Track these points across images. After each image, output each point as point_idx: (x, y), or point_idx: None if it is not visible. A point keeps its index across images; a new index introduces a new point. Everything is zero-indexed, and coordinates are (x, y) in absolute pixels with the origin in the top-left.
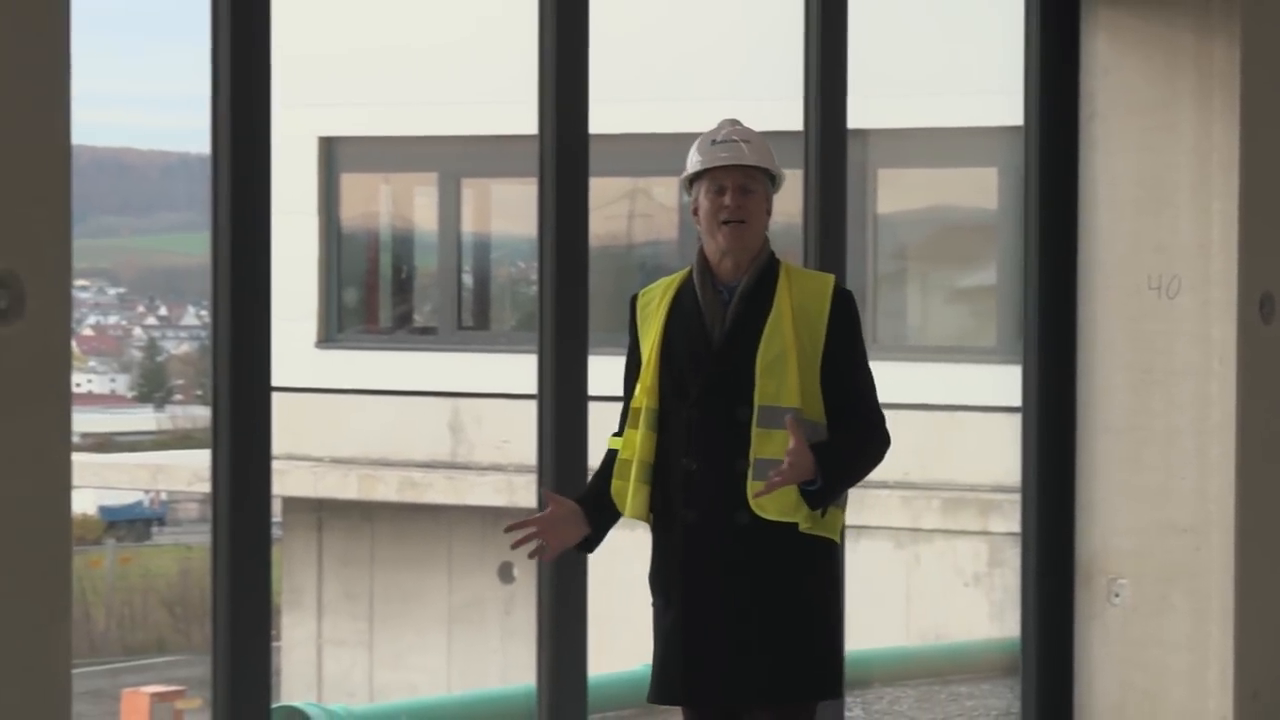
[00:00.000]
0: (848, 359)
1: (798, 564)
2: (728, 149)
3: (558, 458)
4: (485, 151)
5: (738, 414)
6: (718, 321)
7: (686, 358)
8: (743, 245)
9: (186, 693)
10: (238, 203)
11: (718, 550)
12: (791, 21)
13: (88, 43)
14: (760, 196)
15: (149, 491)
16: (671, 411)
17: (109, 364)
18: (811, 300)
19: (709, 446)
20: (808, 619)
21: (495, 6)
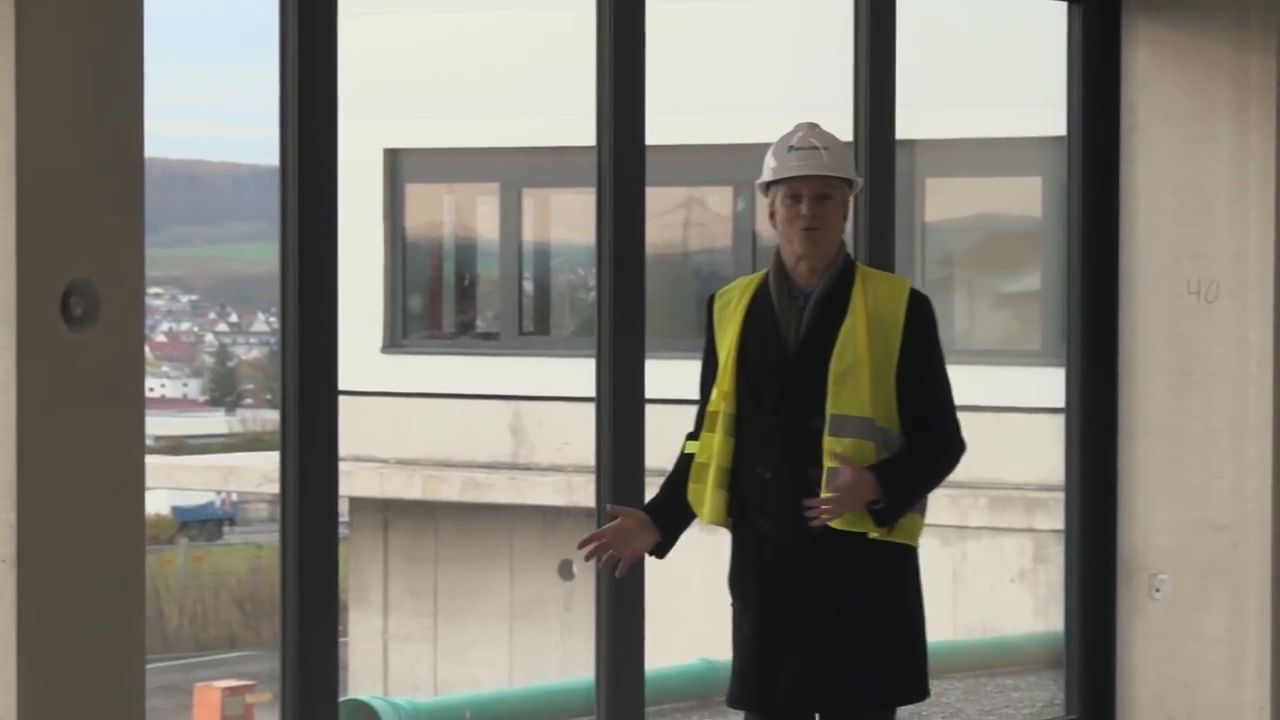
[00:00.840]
0: (923, 366)
1: (872, 571)
2: (803, 157)
3: (616, 459)
4: (545, 163)
5: (811, 422)
6: (793, 328)
7: (761, 364)
8: (818, 251)
9: (256, 687)
10: (306, 213)
11: (792, 558)
12: (841, 36)
13: (161, 58)
14: (837, 203)
15: (220, 492)
16: (747, 417)
17: (182, 369)
18: (887, 306)
19: (783, 454)
20: (882, 625)
21: (556, 25)
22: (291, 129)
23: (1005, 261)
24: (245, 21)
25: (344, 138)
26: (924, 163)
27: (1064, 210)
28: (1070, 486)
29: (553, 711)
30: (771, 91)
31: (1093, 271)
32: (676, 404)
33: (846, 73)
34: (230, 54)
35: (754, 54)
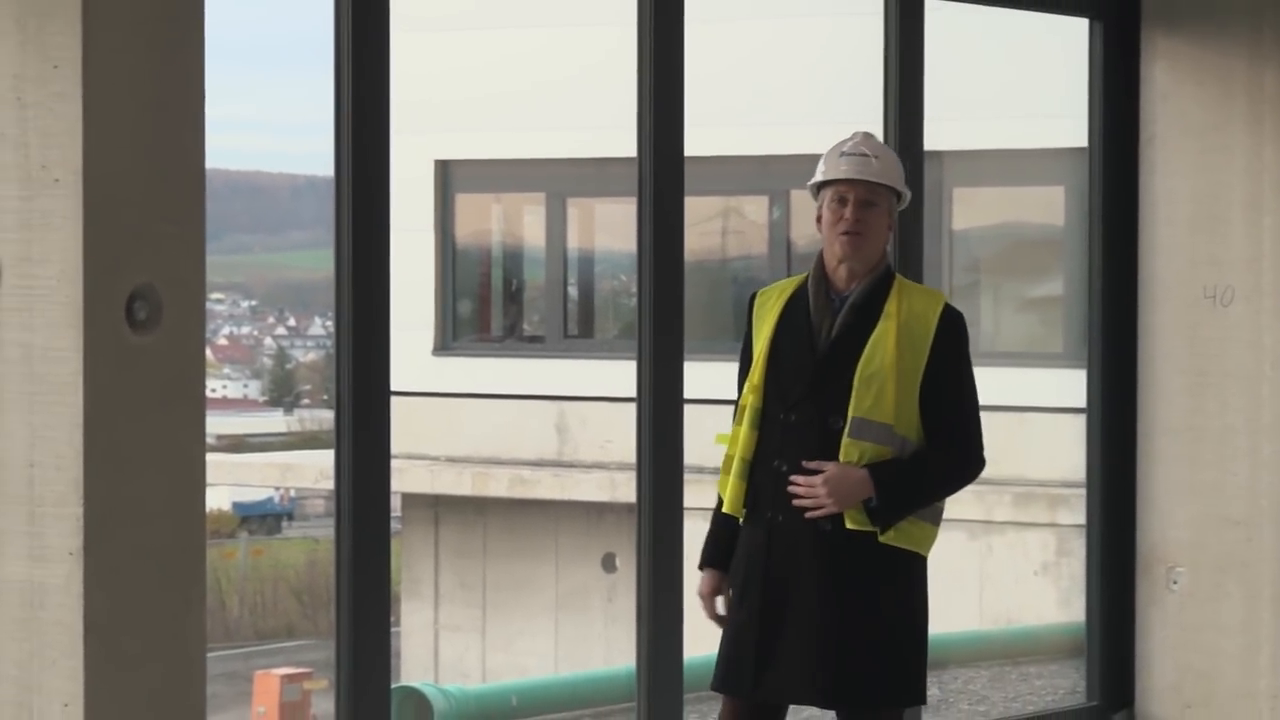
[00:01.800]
0: (948, 380)
1: (875, 573)
2: (853, 162)
3: (655, 456)
4: (589, 173)
5: (832, 422)
6: (825, 329)
7: (791, 361)
8: (859, 256)
9: (313, 674)
10: (360, 221)
11: (800, 552)
12: (872, 51)
13: (222, 74)
14: (882, 211)
15: (278, 489)
16: (773, 412)
17: (242, 371)
18: (919, 318)
19: (801, 451)
20: (880, 628)
21: (598, 44)
22: (346, 142)
23: (1029, 267)
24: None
25: (397, 150)
26: (951, 173)
27: (1085, 219)
28: (1091, 483)
29: (596, 698)
30: (805, 105)
31: (1113, 277)
32: (713, 404)
33: (877, 87)
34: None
35: (788, 69)
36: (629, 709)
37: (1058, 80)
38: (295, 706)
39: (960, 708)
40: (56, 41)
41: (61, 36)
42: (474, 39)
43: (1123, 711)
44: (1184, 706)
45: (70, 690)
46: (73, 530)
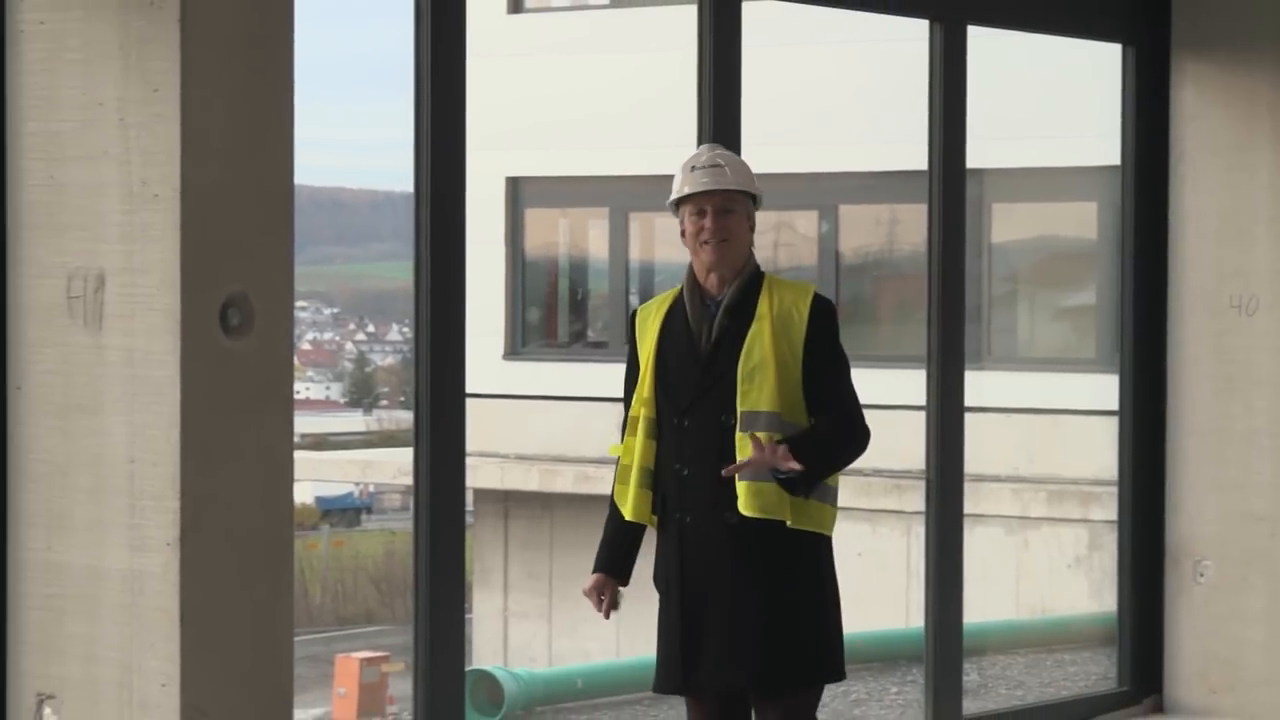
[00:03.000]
0: (825, 363)
1: (786, 559)
2: (707, 174)
3: None
4: (650, 189)
5: (724, 421)
6: (705, 334)
7: (677, 369)
8: (725, 262)
9: (390, 657)
10: (437, 234)
11: (710, 549)
12: (916, 75)
13: (308, 95)
14: (741, 215)
15: (358, 484)
16: (666, 419)
17: (324, 374)
18: (791, 310)
19: (698, 451)
20: (797, 612)
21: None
22: (425, 160)
23: (1064, 278)
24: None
25: (470, 167)
26: (991, 189)
27: (1118, 232)
28: (1123, 481)
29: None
30: (854, 126)
31: (1144, 287)
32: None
33: (920, 108)
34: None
35: (838, 92)
36: None
37: (1091, 102)
38: (373, 688)
39: (999, 692)
40: (156, 67)
41: (160, 62)
42: (543, 64)
43: (1151, 697)
44: (1209, 692)
45: (168, 671)
46: (170, 522)
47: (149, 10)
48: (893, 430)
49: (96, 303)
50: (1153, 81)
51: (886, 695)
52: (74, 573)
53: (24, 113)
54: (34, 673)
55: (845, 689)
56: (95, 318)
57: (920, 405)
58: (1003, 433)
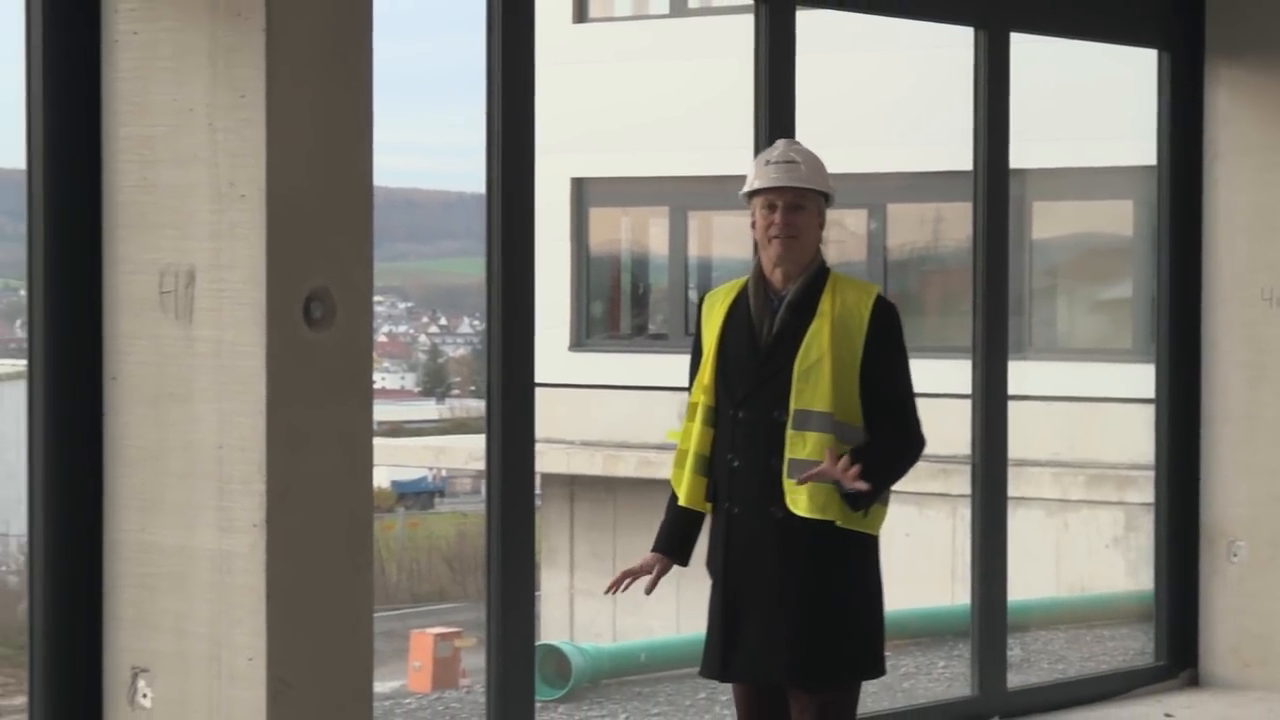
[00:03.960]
0: (884, 366)
1: (830, 557)
2: (780, 169)
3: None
4: (708, 189)
5: (776, 415)
6: (766, 328)
7: (736, 360)
8: (792, 258)
9: (463, 633)
10: (508, 232)
11: (756, 541)
12: (960, 79)
13: (385, 100)
14: (811, 213)
15: (432, 469)
16: (723, 408)
17: (399, 365)
18: (852, 311)
19: (750, 444)
20: (837, 607)
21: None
22: (497, 162)
23: (1101, 273)
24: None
25: (538, 169)
26: (1032, 188)
27: (1152, 229)
28: (1159, 465)
29: None
30: (901, 128)
31: (1178, 281)
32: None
33: (964, 111)
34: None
35: (886, 96)
36: None
37: (1128, 105)
38: (447, 662)
39: (1041, 666)
40: (243, 74)
41: (247, 70)
42: (604, 71)
43: (1187, 671)
44: (1243, 666)
45: (254, 646)
46: (257, 505)
47: (236, 20)
48: (938, 417)
49: (187, 297)
50: (1187, 86)
51: (934, 669)
52: (166, 553)
53: (119, 118)
54: (129, 647)
55: (894, 664)
56: (186, 311)
57: (963, 393)
58: (1043, 420)
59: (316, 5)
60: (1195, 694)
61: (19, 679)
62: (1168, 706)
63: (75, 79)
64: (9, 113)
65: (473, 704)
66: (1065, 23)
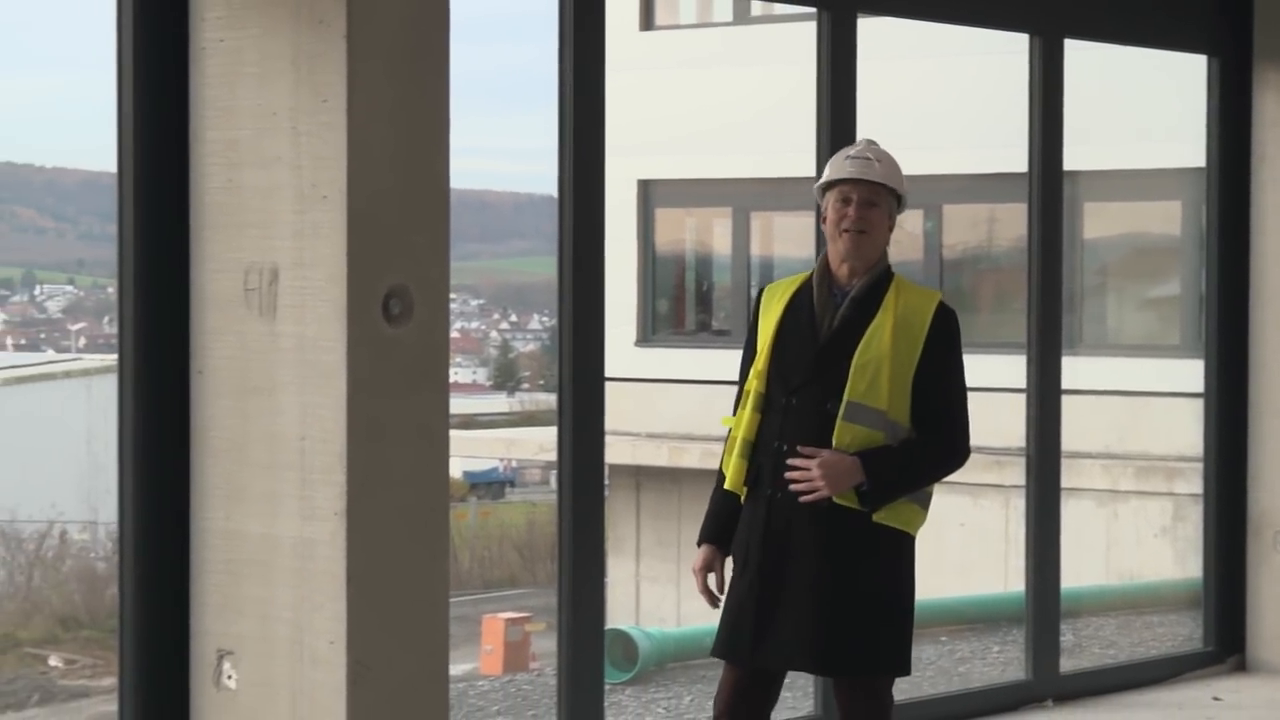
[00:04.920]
0: (940, 372)
1: (865, 550)
2: (858, 164)
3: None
4: (769, 191)
5: (829, 406)
6: (827, 320)
7: (794, 349)
8: (860, 254)
9: (533, 618)
10: (579, 232)
11: (794, 527)
12: (1013, 84)
13: (457, 104)
14: (883, 211)
15: (502, 460)
16: (775, 397)
17: (471, 360)
18: (915, 314)
19: (798, 432)
20: (870, 600)
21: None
22: (568, 164)
23: (1150, 271)
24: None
25: (607, 170)
26: (1084, 190)
27: (1200, 229)
28: (1207, 457)
29: None
30: (957, 132)
31: (1226, 279)
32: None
33: (1017, 115)
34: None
35: (943, 101)
36: None
37: (1177, 109)
38: (517, 646)
39: (1092, 651)
40: (325, 79)
41: (329, 75)
42: (670, 77)
43: (1234, 657)
44: None
45: (335, 630)
46: (337, 494)
47: (318, 28)
48: (992, 411)
49: (271, 294)
50: (1235, 90)
51: (989, 654)
52: (250, 540)
53: (205, 122)
54: (214, 631)
55: (950, 648)
56: (270, 308)
57: (1014, 388)
58: (1094, 413)
59: (396, 12)
60: (1243, 679)
61: (108, 661)
62: (1216, 690)
63: (164, 85)
64: (100, 118)
65: (543, 686)
66: (1117, 29)
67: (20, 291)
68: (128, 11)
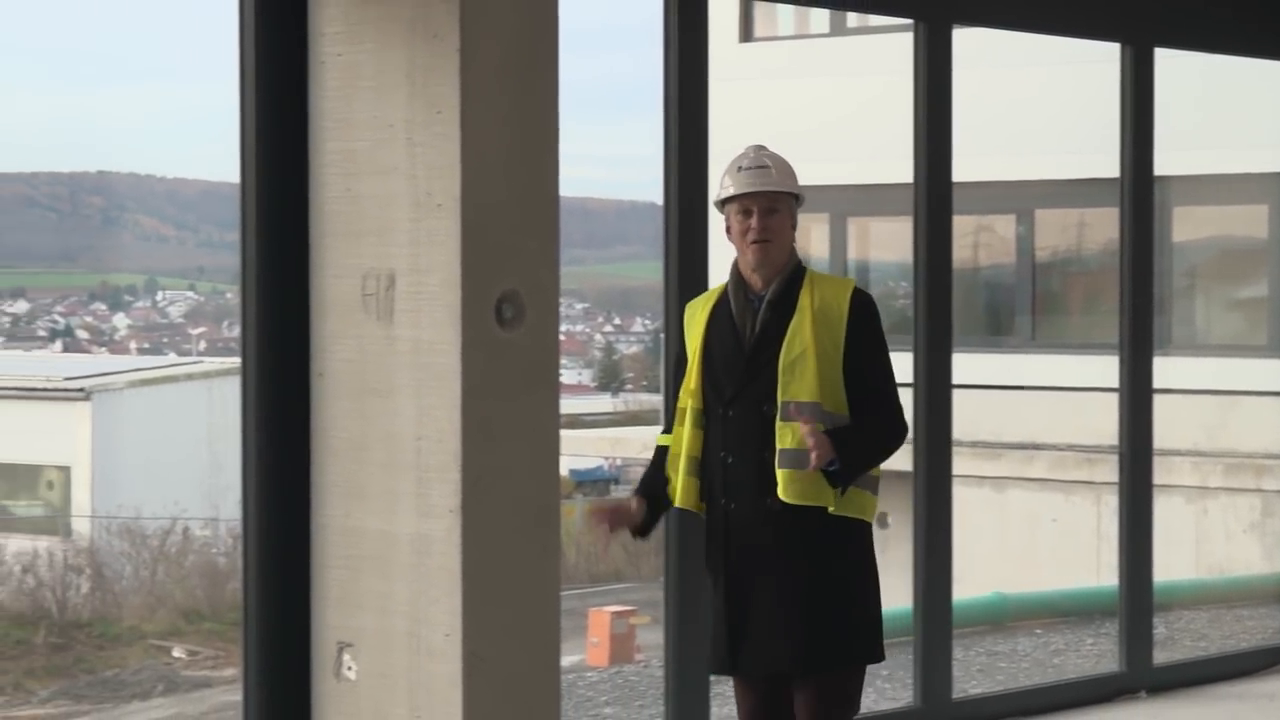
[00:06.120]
0: (865, 355)
1: (827, 544)
2: (752, 175)
3: (928, 430)
4: (866, 197)
5: (765, 410)
6: (748, 327)
7: (722, 361)
8: (769, 260)
9: (638, 611)
10: (684, 238)
11: (754, 534)
12: (1104, 92)
13: (563, 114)
14: (784, 215)
15: (607, 458)
16: (712, 409)
17: (576, 361)
18: (831, 305)
19: (742, 440)
20: (837, 595)
21: (871, 88)
22: (673, 172)
23: (1238, 274)
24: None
25: (710, 177)
26: (1173, 195)
27: None
28: None
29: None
30: (1048, 138)
31: None
32: (970, 388)
33: (1107, 122)
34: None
35: (1035, 108)
36: (906, 642)
37: (1263, 114)
38: (622, 638)
39: (1184, 644)
40: (439, 91)
41: (443, 87)
42: (768, 87)
43: None
44: None
45: (450, 623)
46: (452, 492)
47: (433, 42)
48: (1082, 410)
49: (388, 299)
50: None
51: (1083, 646)
52: (369, 536)
53: (324, 133)
54: (335, 624)
55: (1045, 640)
56: (387, 312)
57: (1104, 387)
58: (1183, 412)
59: (508, 26)
60: None
61: (229, 652)
62: None
63: (284, 98)
64: (220, 129)
65: (649, 678)
66: (1205, 38)
67: (143, 297)
68: (249, 27)
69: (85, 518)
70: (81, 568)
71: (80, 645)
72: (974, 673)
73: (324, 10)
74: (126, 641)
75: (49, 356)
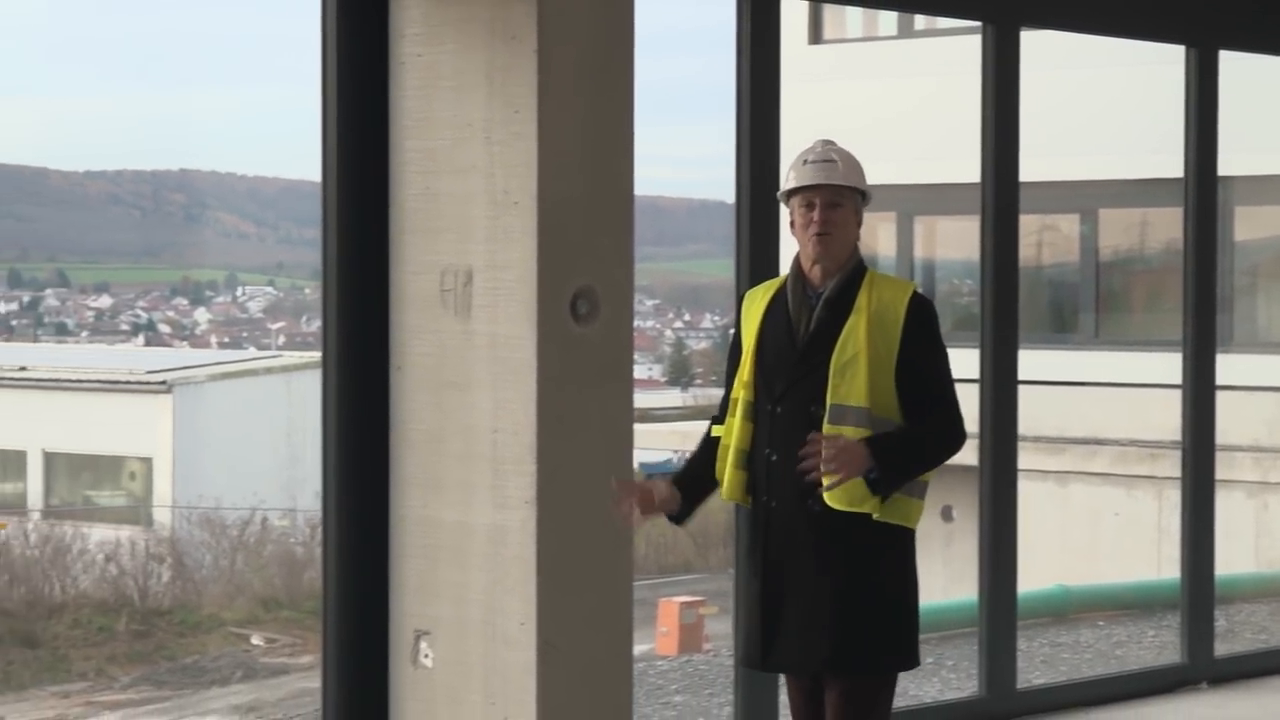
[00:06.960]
0: (921, 360)
1: (867, 549)
2: (818, 168)
3: (994, 425)
4: (932, 196)
5: (814, 411)
6: (803, 324)
7: (775, 356)
8: (829, 255)
9: (706, 602)
10: (755, 236)
11: (794, 534)
12: (1169, 93)
13: (637, 113)
14: (848, 210)
15: (677, 451)
16: (761, 404)
17: (646, 357)
18: (889, 308)
19: (788, 439)
20: (872, 600)
21: (931, 89)
22: (745, 170)
23: None
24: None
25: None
26: (1235, 194)
27: None
28: None
29: (942, 624)
30: (1112, 139)
31: None
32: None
33: (1171, 123)
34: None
35: (1100, 109)
36: (971, 633)
37: None
38: (691, 628)
39: (1245, 636)
40: (516, 91)
41: (520, 87)
42: (837, 88)
43: None
44: None
45: (525, 611)
46: (528, 484)
47: (510, 43)
48: (1144, 406)
49: (465, 295)
50: None
51: (1145, 638)
52: (446, 527)
53: (404, 132)
54: (412, 612)
55: (1107, 632)
56: (464, 308)
57: (1165, 384)
58: (1245, 408)
59: (584, 28)
60: None
61: (306, 640)
62: None
63: (365, 98)
64: (299, 129)
65: (718, 667)
66: (1270, 40)
67: (224, 293)
68: (331, 29)
69: (166, 508)
70: (163, 556)
71: (161, 632)
72: (1038, 663)
73: (404, 12)
74: (206, 629)
75: (132, 350)
